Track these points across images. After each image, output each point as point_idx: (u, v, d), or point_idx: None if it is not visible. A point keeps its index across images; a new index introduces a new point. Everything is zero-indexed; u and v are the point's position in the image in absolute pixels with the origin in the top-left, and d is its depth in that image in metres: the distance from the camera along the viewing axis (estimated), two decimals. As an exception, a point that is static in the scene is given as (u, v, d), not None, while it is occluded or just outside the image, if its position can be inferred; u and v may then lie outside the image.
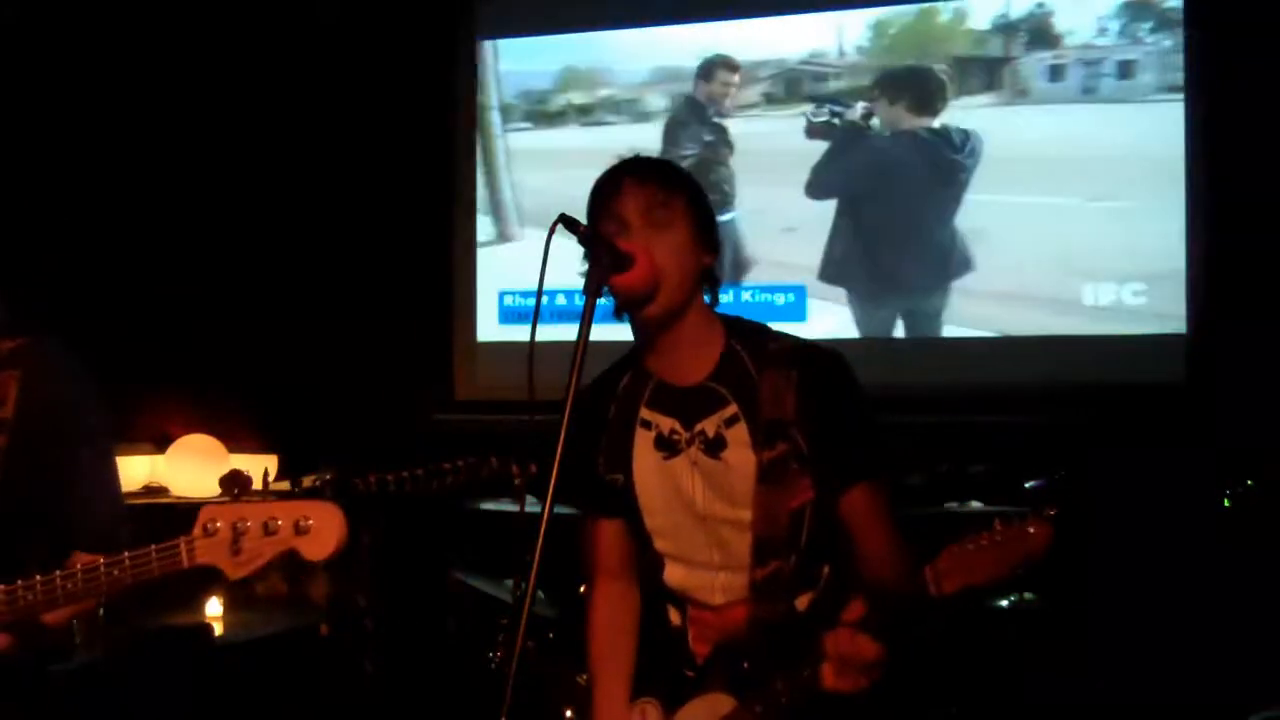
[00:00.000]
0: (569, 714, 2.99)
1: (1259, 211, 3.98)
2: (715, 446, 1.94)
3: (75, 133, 4.65)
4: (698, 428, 1.95)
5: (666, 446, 1.97)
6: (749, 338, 1.98)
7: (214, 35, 4.86)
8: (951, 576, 1.64)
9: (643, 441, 1.99)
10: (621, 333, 2.04)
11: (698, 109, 4.80)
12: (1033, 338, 4.35)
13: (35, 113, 4.55)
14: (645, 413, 2.00)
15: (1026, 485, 3.70)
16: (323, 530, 1.74)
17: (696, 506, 1.96)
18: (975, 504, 3.80)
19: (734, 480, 1.93)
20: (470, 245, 5.08)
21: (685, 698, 1.99)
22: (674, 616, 2.06)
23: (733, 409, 1.93)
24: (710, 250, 1.97)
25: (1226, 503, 3.52)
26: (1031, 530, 1.63)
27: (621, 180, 1.93)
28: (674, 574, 2.03)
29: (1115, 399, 4.14)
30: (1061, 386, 4.24)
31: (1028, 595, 3.38)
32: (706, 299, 1.99)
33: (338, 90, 4.95)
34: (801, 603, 1.96)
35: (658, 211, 1.90)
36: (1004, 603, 3.39)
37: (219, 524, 1.77)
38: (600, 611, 2.14)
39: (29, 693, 2.21)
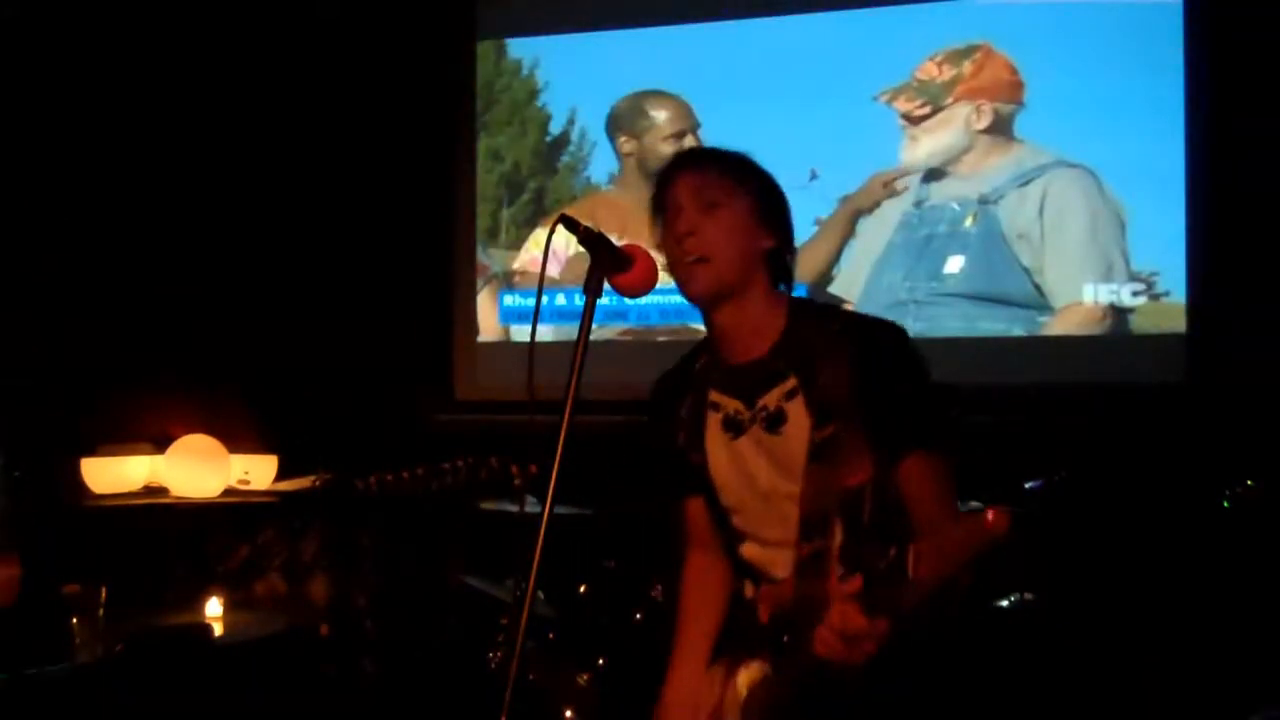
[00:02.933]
0: (569, 714, 2.99)
1: (1259, 211, 3.98)
2: (776, 421, 1.96)
3: (74, 132, 4.65)
4: (760, 404, 1.98)
5: (733, 427, 2.00)
6: (812, 316, 2.01)
7: (215, 35, 4.86)
8: (926, 559, 1.64)
9: (713, 423, 2.03)
10: (622, 333, 2.04)
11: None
12: (1033, 338, 4.35)
13: (34, 112, 4.55)
14: (713, 395, 2.03)
15: (1026, 485, 3.70)
16: None
17: (760, 484, 1.98)
18: (975, 504, 3.80)
19: (793, 453, 1.94)
20: (470, 245, 5.08)
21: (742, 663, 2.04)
22: (748, 589, 2.09)
23: (793, 382, 1.95)
24: (772, 233, 2.00)
25: (1226, 503, 3.52)
26: (990, 516, 1.63)
27: (678, 167, 2.01)
28: (750, 550, 2.06)
29: (1115, 399, 4.14)
30: (1061, 386, 4.24)
31: (1028, 595, 3.38)
32: (780, 287, 2.03)
33: (338, 90, 4.95)
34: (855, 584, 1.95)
35: (709, 192, 1.95)
36: (1004, 603, 3.39)
37: None
38: (692, 578, 2.20)
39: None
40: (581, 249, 1.84)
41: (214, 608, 3.86)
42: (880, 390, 1.91)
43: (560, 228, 1.80)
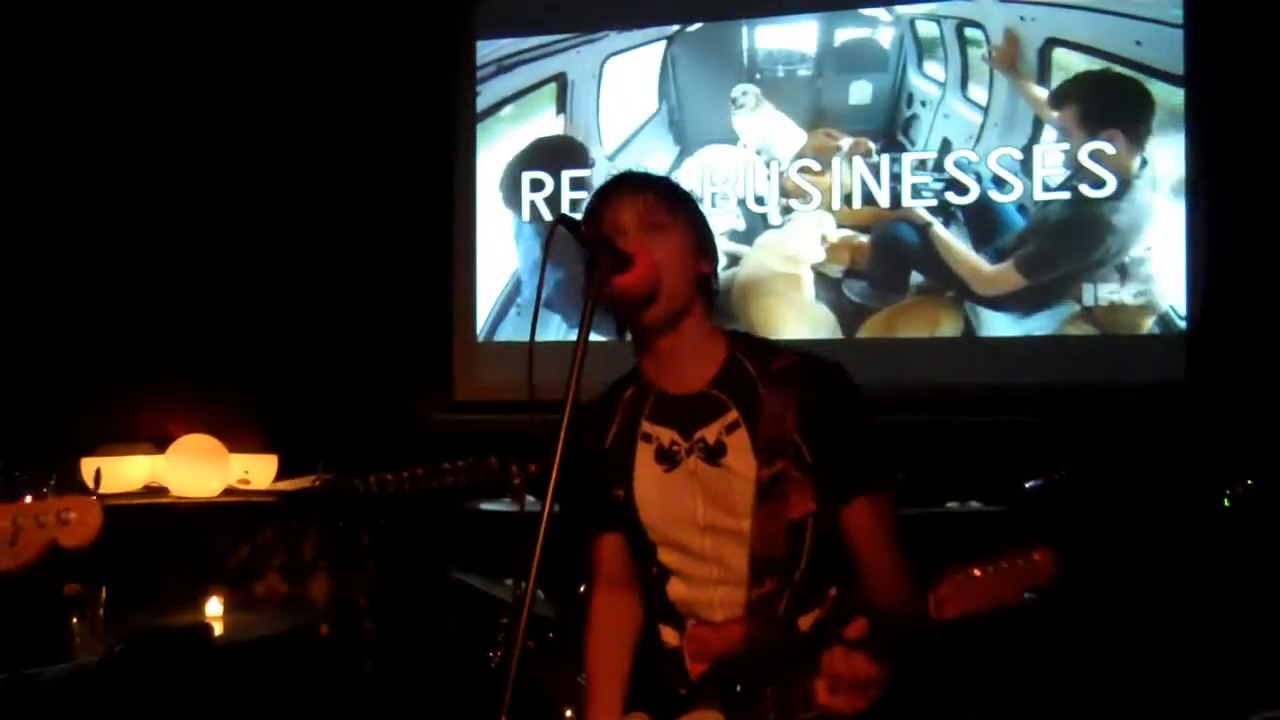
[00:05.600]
0: (569, 714, 2.99)
1: (1259, 211, 3.98)
2: (715, 453, 1.93)
3: (75, 132, 4.65)
4: (697, 436, 1.94)
5: (667, 459, 1.97)
6: (752, 350, 1.98)
7: (215, 35, 4.86)
8: (953, 602, 1.63)
9: (644, 455, 1.99)
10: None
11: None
12: (1033, 338, 4.35)
13: (34, 112, 4.54)
14: (646, 426, 1.99)
15: (1026, 485, 3.70)
16: (81, 521, 1.97)
17: (697, 518, 1.95)
18: (975, 504, 3.81)
19: (734, 487, 1.91)
20: (470, 245, 5.08)
21: (676, 714, 1.97)
22: (669, 636, 2.03)
23: (734, 415, 1.92)
24: (706, 259, 1.98)
25: (1226, 503, 3.52)
26: (1037, 558, 1.62)
27: (618, 189, 1.96)
28: (676, 589, 2.01)
29: (1115, 399, 4.14)
30: (1061, 386, 4.24)
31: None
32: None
33: (337, 91, 4.95)
34: (804, 623, 1.94)
35: (655, 216, 1.92)
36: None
37: (4, 522, 1.97)
38: (599, 620, 2.15)
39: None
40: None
41: (214, 608, 3.86)
42: (830, 434, 1.90)
43: (560, 228, 1.81)
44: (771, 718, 1.82)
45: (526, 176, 5.06)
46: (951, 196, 4.46)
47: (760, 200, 4.73)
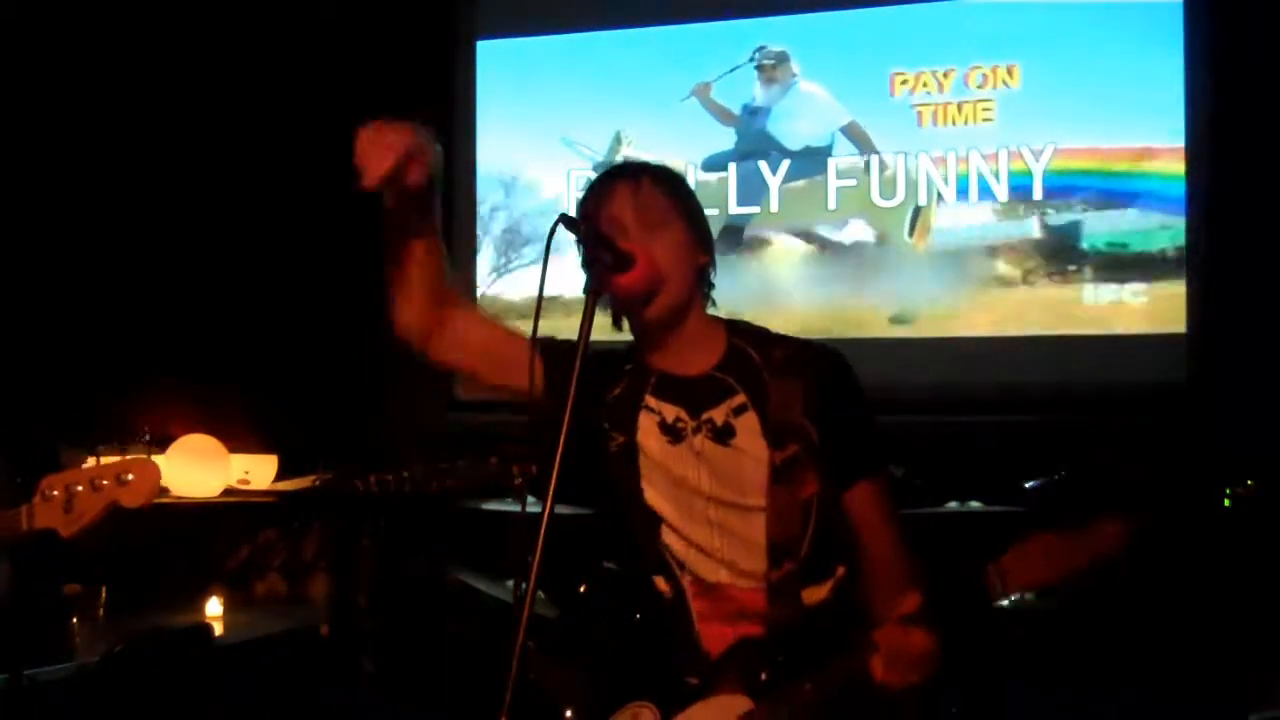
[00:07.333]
0: (569, 714, 2.99)
1: (1260, 211, 3.98)
2: (724, 434, 1.94)
3: (74, 131, 4.65)
4: (705, 416, 1.95)
5: (671, 432, 1.97)
6: (753, 339, 2.00)
7: (215, 37, 4.86)
8: (1016, 574, 1.66)
9: (647, 422, 1.99)
10: (623, 334, 2.04)
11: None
12: (1033, 338, 4.35)
13: (34, 111, 4.54)
14: (650, 399, 2.00)
15: (1026, 485, 3.70)
16: (140, 481, 2.04)
17: (702, 491, 1.96)
18: (975, 504, 3.81)
19: (745, 467, 1.93)
20: (470, 245, 5.08)
21: (690, 701, 1.95)
22: (663, 586, 2.00)
23: (741, 398, 1.94)
24: (705, 250, 1.99)
25: (1227, 503, 3.52)
26: (1106, 528, 1.64)
27: (613, 183, 1.96)
28: (670, 538, 1.99)
29: (1115, 399, 4.14)
30: (1061, 386, 4.24)
31: (1029, 595, 3.38)
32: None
33: (337, 91, 4.94)
34: (811, 597, 1.95)
35: (652, 212, 1.92)
36: (1004, 602, 3.38)
37: (55, 490, 2.00)
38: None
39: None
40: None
41: (214, 608, 3.86)
42: (836, 418, 1.94)
43: (560, 226, 1.81)
44: (812, 698, 1.81)
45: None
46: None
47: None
